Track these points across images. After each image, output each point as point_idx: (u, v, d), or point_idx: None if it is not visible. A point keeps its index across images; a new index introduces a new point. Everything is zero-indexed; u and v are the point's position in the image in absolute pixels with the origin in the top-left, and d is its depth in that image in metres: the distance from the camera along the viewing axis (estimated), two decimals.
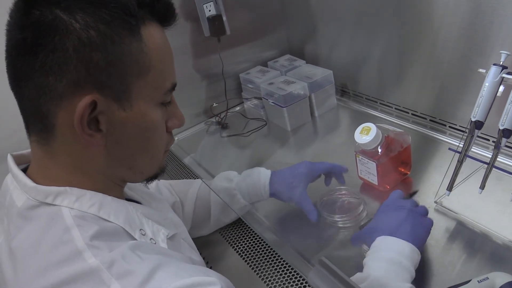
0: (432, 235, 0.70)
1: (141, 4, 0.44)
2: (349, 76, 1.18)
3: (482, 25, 0.77)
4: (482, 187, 0.68)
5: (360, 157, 0.81)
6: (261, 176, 0.78)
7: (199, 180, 0.82)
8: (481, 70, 0.69)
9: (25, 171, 0.48)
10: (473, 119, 0.69)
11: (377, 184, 0.81)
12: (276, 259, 0.72)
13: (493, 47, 0.77)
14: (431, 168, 0.86)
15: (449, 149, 0.75)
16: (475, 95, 0.69)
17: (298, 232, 0.78)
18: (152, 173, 0.53)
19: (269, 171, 0.79)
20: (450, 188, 0.73)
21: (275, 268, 0.71)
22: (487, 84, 0.67)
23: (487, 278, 0.56)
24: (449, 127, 0.95)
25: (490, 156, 0.68)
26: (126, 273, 0.40)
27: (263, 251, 0.75)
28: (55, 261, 0.40)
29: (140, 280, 0.39)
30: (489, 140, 0.86)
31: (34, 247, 0.42)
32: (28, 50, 0.41)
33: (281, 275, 0.69)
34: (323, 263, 0.51)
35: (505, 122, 0.64)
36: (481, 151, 0.86)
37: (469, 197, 0.74)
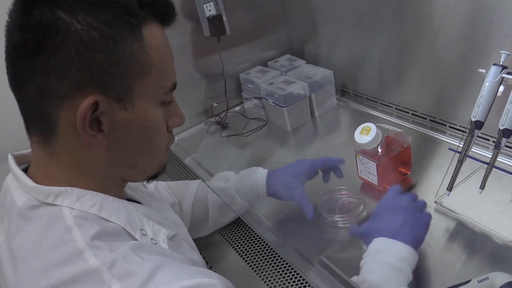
0: (432, 235, 0.70)
1: (142, 4, 0.44)
2: (349, 76, 1.18)
3: (482, 25, 0.77)
4: (482, 187, 0.68)
5: (360, 157, 0.81)
6: (258, 175, 0.78)
7: (197, 181, 0.82)
8: (481, 70, 0.69)
9: (25, 171, 0.48)
10: (473, 119, 0.69)
11: (377, 184, 0.81)
12: (276, 259, 0.72)
13: (493, 47, 0.77)
14: (431, 168, 0.86)
15: (449, 149, 0.75)
16: (475, 95, 0.69)
17: (298, 232, 0.78)
18: (153, 172, 0.53)
19: (266, 170, 0.78)
20: (450, 188, 0.73)
21: (275, 268, 0.71)
22: (487, 84, 0.67)
23: (487, 278, 0.56)
24: (449, 127, 0.95)
25: (490, 156, 0.68)
26: (127, 273, 0.40)
27: (263, 251, 0.75)
28: (56, 261, 0.40)
29: (141, 281, 0.39)
30: (489, 140, 0.86)
31: (34, 247, 0.42)
32: (29, 51, 0.41)
33: (281, 275, 0.69)
34: (323, 263, 0.51)
35: (505, 122, 0.65)
36: (481, 151, 0.86)
37: (469, 197, 0.74)
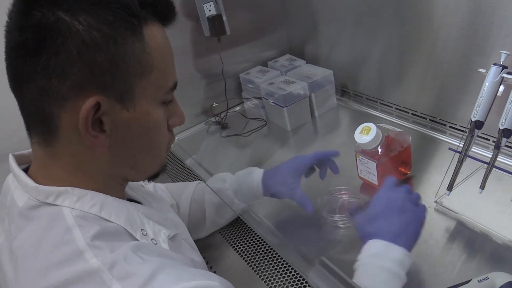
0: (432, 235, 0.70)
1: (143, 4, 0.44)
2: (349, 76, 1.18)
3: (482, 25, 0.77)
4: (482, 187, 0.68)
5: (360, 157, 0.81)
6: (254, 175, 0.77)
7: (194, 182, 0.82)
8: (481, 70, 0.69)
9: (26, 171, 0.48)
10: (473, 119, 0.69)
11: (377, 184, 0.81)
12: (276, 259, 0.72)
13: (493, 47, 0.77)
14: (431, 168, 0.86)
15: (449, 149, 0.75)
16: (475, 95, 0.69)
17: (298, 232, 0.78)
18: (154, 171, 0.53)
19: (262, 170, 0.78)
20: (450, 188, 0.73)
21: (275, 268, 0.71)
22: (487, 84, 0.67)
23: (487, 278, 0.56)
24: (449, 127, 0.95)
25: (490, 156, 0.68)
26: (127, 274, 0.40)
27: (263, 251, 0.75)
28: (56, 261, 0.40)
29: (141, 281, 0.39)
30: (489, 140, 0.86)
31: (35, 247, 0.42)
32: (29, 52, 0.41)
33: (281, 275, 0.69)
34: (323, 263, 0.52)
35: (505, 122, 0.65)
36: (481, 151, 0.86)
37: (469, 197, 0.74)
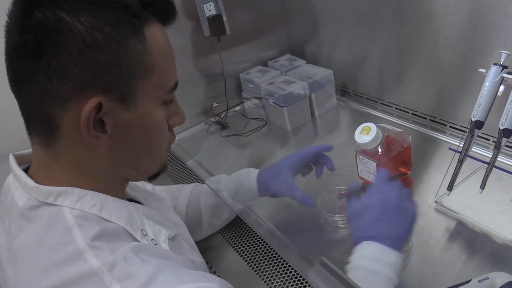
0: (432, 235, 0.70)
1: (144, 4, 0.44)
2: (349, 76, 1.18)
3: (482, 25, 0.77)
4: (482, 187, 0.68)
5: (360, 157, 0.81)
6: (249, 176, 0.76)
7: (191, 185, 0.81)
8: (481, 70, 0.69)
9: (26, 171, 0.48)
10: (473, 119, 0.69)
11: None
12: (276, 259, 0.72)
13: (493, 47, 0.77)
14: (431, 168, 0.86)
15: (449, 149, 0.75)
16: (475, 95, 0.69)
17: (298, 232, 0.78)
18: (155, 171, 0.53)
19: (257, 171, 0.77)
20: (450, 188, 0.73)
21: (275, 268, 0.71)
22: (487, 83, 0.67)
23: (488, 278, 0.56)
24: (449, 127, 0.95)
25: (490, 156, 0.68)
26: (127, 275, 0.40)
27: (263, 251, 0.75)
28: (56, 261, 0.40)
29: (141, 283, 0.39)
30: (489, 140, 0.86)
31: (35, 247, 0.42)
32: (29, 53, 0.40)
33: (281, 275, 0.69)
34: (323, 263, 0.51)
35: (505, 121, 0.65)
36: (481, 151, 0.86)
37: (469, 197, 0.74)
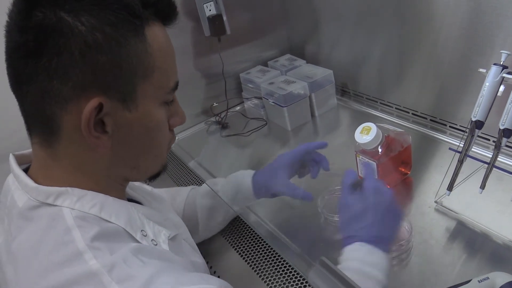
0: (432, 235, 0.70)
1: (145, 4, 0.44)
2: (349, 76, 1.18)
3: (482, 25, 0.77)
4: (482, 187, 0.68)
5: (360, 157, 0.81)
6: (244, 178, 0.76)
7: (188, 188, 0.81)
8: (481, 70, 0.69)
9: (26, 171, 0.48)
10: (473, 119, 0.69)
11: None
12: (276, 259, 0.72)
13: (493, 47, 0.77)
14: (432, 168, 0.86)
15: (450, 149, 0.75)
16: (476, 95, 0.69)
17: (298, 232, 0.78)
18: (155, 171, 0.53)
19: (252, 173, 0.76)
20: (450, 188, 0.73)
21: (275, 267, 0.71)
22: (487, 83, 0.67)
23: (488, 278, 0.56)
24: (450, 127, 0.95)
25: (490, 156, 0.68)
26: (126, 277, 0.39)
27: (263, 251, 0.75)
28: (56, 262, 0.40)
29: (140, 285, 0.39)
30: (489, 140, 0.86)
31: (34, 247, 0.42)
32: (30, 53, 0.40)
33: (281, 274, 0.69)
34: (323, 263, 0.51)
35: (505, 122, 0.64)
36: (481, 151, 0.86)
37: (470, 197, 0.74)
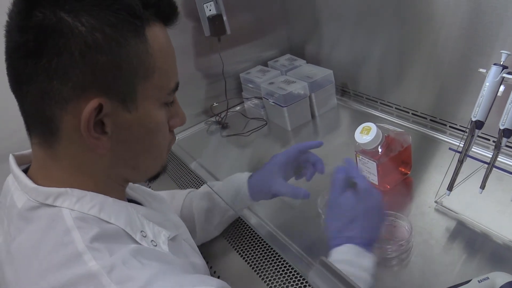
0: (432, 235, 0.70)
1: (146, 4, 0.43)
2: (349, 76, 1.18)
3: (482, 25, 0.77)
4: (482, 187, 0.68)
5: (360, 157, 0.81)
6: (240, 182, 0.75)
7: (186, 190, 0.81)
8: (481, 70, 0.69)
9: (26, 171, 0.48)
10: (473, 119, 0.69)
11: (377, 184, 0.81)
12: (276, 258, 0.72)
13: (493, 47, 0.77)
14: (432, 168, 0.86)
15: (450, 149, 0.75)
16: (476, 95, 0.69)
17: (298, 232, 0.78)
18: (155, 172, 0.53)
19: (247, 176, 0.75)
20: (450, 188, 0.73)
21: (275, 267, 0.71)
22: (487, 84, 0.67)
23: (488, 278, 0.56)
24: (450, 127, 0.95)
25: (490, 156, 0.68)
26: (126, 279, 0.39)
27: (263, 251, 0.75)
28: (55, 263, 0.40)
29: (139, 286, 0.39)
30: (489, 140, 0.86)
31: (34, 248, 0.42)
32: (30, 53, 0.40)
33: (281, 274, 0.69)
34: (323, 263, 0.51)
35: (505, 122, 0.64)
36: (481, 151, 0.86)
37: (470, 197, 0.74)
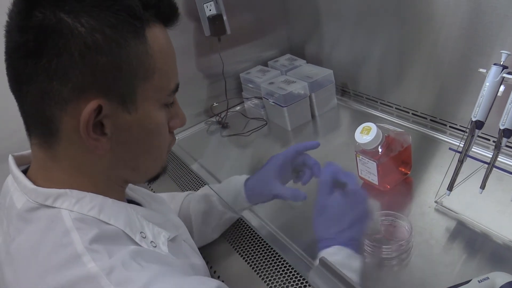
0: (432, 235, 0.70)
1: (146, 5, 0.43)
2: (349, 75, 1.18)
3: (482, 25, 0.77)
4: (482, 187, 0.68)
5: (360, 157, 0.81)
6: (237, 184, 0.74)
7: (184, 193, 0.81)
8: (481, 70, 0.69)
9: (26, 171, 0.48)
10: (473, 119, 0.69)
11: (377, 184, 0.81)
12: (276, 258, 0.72)
13: (493, 47, 0.77)
14: (432, 168, 0.86)
15: (450, 149, 0.75)
16: (476, 95, 0.69)
17: (298, 232, 0.78)
18: (154, 173, 0.53)
19: (245, 178, 0.75)
20: (450, 188, 0.73)
21: (275, 267, 0.71)
22: (487, 84, 0.67)
23: (488, 278, 0.56)
24: (450, 127, 0.95)
25: (490, 156, 0.68)
26: (125, 280, 0.39)
27: (263, 251, 0.75)
28: (54, 264, 0.40)
29: None
30: (489, 140, 0.86)
31: (33, 250, 0.42)
32: (30, 53, 0.40)
33: (281, 274, 0.69)
34: (323, 263, 0.51)
35: (505, 122, 0.64)
36: (481, 151, 0.86)
37: (470, 197, 0.74)
